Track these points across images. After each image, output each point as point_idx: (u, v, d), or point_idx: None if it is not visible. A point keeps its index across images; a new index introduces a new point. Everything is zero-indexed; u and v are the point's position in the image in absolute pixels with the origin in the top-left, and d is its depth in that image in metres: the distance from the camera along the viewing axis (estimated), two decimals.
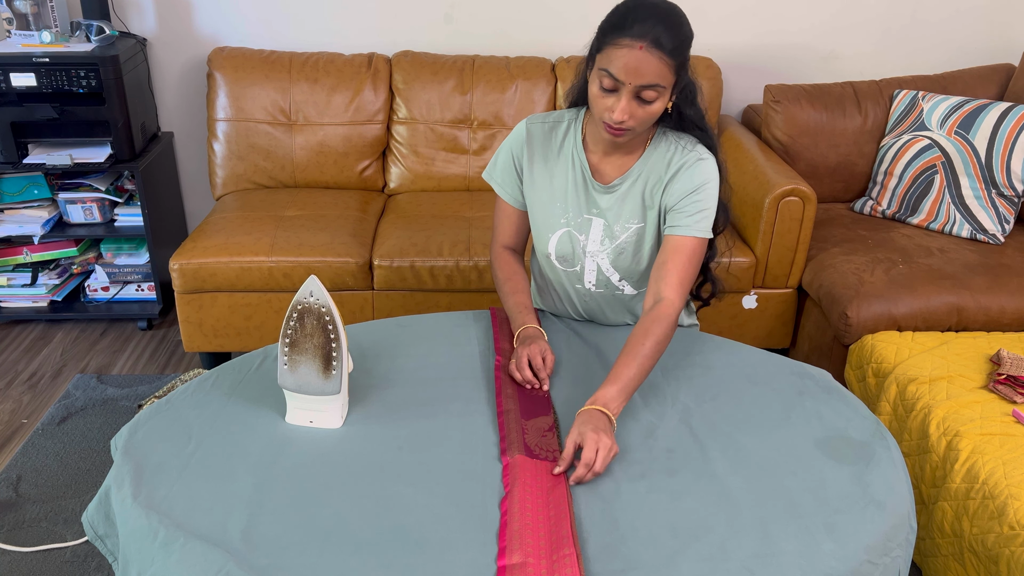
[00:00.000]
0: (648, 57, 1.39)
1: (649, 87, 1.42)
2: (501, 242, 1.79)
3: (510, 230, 1.78)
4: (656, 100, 1.45)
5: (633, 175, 1.62)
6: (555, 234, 1.69)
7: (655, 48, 1.39)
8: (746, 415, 1.46)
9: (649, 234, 1.64)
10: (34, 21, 2.81)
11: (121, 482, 1.27)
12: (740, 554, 1.14)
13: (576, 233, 1.68)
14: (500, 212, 1.77)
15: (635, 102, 1.45)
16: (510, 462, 1.31)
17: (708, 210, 1.58)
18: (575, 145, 1.65)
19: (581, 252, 1.69)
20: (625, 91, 1.43)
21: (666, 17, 1.41)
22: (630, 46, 1.40)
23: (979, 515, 1.69)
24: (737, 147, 2.86)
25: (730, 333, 2.70)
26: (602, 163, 1.64)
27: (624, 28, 1.40)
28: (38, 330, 3.04)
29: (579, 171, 1.65)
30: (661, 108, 1.48)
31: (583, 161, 1.64)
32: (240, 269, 2.52)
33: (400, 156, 3.01)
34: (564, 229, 1.68)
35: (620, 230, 1.64)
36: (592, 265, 1.69)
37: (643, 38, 1.39)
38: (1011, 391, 1.92)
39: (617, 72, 1.42)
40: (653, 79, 1.41)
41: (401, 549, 1.15)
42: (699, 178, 1.57)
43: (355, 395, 1.49)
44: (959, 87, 2.91)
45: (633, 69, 1.40)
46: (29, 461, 2.31)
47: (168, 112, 3.19)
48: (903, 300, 2.30)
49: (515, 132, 1.70)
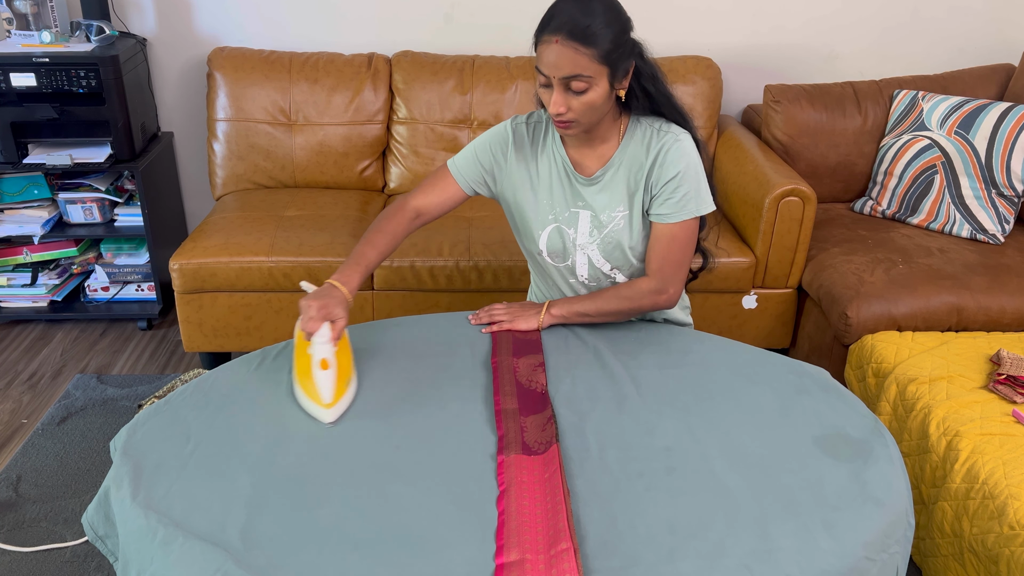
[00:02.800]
0: (563, 50, 1.45)
1: (573, 78, 1.47)
2: (415, 201, 1.73)
3: (437, 200, 1.74)
4: (588, 90, 1.49)
5: (615, 164, 1.65)
6: (545, 231, 1.72)
7: (570, 39, 1.44)
8: (744, 413, 1.46)
9: (635, 219, 1.67)
10: (34, 21, 2.82)
11: (120, 482, 1.27)
12: (738, 551, 1.14)
13: (565, 228, 1.71)
14: (440, 181, 1.74)
15: (569, 94, 1.50)
16: (505, 460, 1.31)
17: (692, 191, 1.62)
18: (554, 142, 1.69)
19: (572, 246, 1.72)
20: (555, 84, 1.49)
21: (579, 9, 1.45)
22: (547, 41, 1.47)
23: (979, 515, 1.69)
24: (737, 147, 2.86)
25: (730, 333, 2.70)
26: (582, 157, 1.68)
27: (545, 25, 1.48)
28: (38, 330, 3.04)
29: (561, 166, 1.69)
30: (598, 97, 1.51)
31: (563, 156, 1.68)
32: (240, 269, 2.53)
33: (400, 156, 3.02)
34: (553, 225, 1.71)
35: (607, 219, 1.67)
36: (583, 258, 1.72)
37: (558, 31, 1.45)
38: (1011, 391, 1.91)
39: (543, 67, 1.49)
40: (573, 70, 1.46)
41: (399, 548, 1.15)
42: (680, 162, 1.60)
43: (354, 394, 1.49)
44: (959, 87, 2.91)
45: (553, 63, 1.47)
46: (29, 461, 2.31)
47: (168, 112, 3.19)
48: (903, 300, 2.30)
49: (498, 133, 1.72)
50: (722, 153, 2.95)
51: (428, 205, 1.74)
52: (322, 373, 1.41)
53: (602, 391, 1.52)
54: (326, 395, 1.41)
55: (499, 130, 1.72)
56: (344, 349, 1.51)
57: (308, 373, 1.43)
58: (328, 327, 1.44)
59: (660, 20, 3.11)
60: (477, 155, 1.73)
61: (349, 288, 1.55)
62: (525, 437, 1.37)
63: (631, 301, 1.69)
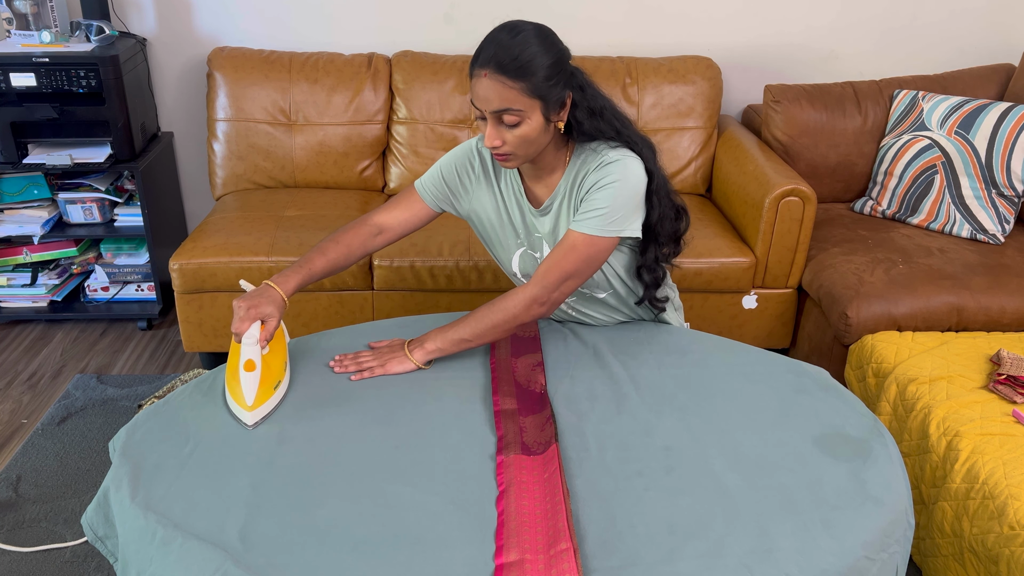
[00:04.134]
0: (491, 84, 1.43)
1: (504, 111, 1.44)
2: (378, 216, 1.71)
3: (402, 217, 1.72)
4: (521, 123, 1.46)
5: (560, 193, 1.62)
6: (516, 254, 1.72)
7: (497, 73, 1.42)
8: (743, 413, 1.46)
9: None
10: (34, 21, 2.82)
11: (119, 483, 1.27)
12: (737, 550, 1.14)
13: (531, 252, 1.70)
14: (406, 198, 1.73)
15: (502, 127, 1.47)
16: (504, 460, 1.31)
17: (610, 208, 1.52)
18: (511, 171, 1.67)
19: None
20: (488, 118, 1.47)
21: (508, 42, 1.43)
22: (478, 75, 1.44)
23: (979, 515, 1.69)
24: (737, 147, 2.86)
25: (730, 333, 2.70)
26: (534, 185, 1.66)
27: (476, 59, 1.45)
28: (38, 330, 3.04)
29: (515, 193, 1.67)
30: (531, 131, 1.47)
31: (518, 186, 1.66)
32: (240, 269, 2.52)
33: (400, 156, 3.01)
34: (522, 249, 1.71)
35: None
36: None
37: (487, 65, 1.43)
38: (1011, 391, 1.91)
39: (475, 101, 1.47)
40: (502, 103, 1.44)
41: (398, 548, 1.15)
42: (609, 176, 1.53)
43: (354, 395, 1.49)
44: (959, 87, 2.91)
45: (483, 97, 1.45)
46: (29, 461, 2.31)
47: (168, 112, 3.19)
48: (903, 300, 2.30)
49: (464, 154, 1.70)
50: (722, 153, 2.95)
51: (392, 221, 1.71)
52: (247, 375, 1.39)
53: (601, 391, 1.52)
54: (248, 397, 1.39)
55: (465, 151, 1.70)
56: (277, 351, 1.49)
57: (236, 373, 1.41)
58: (257, 328, 1.42)
59: (660, 20, 3.11)
60: (443, 175, 1.71)
61: (285, 290, 1.52)
62: (524, 437, 1.37)
63: (506, 312, 1.56)
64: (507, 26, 1.46)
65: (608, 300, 1.75)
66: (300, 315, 2.61)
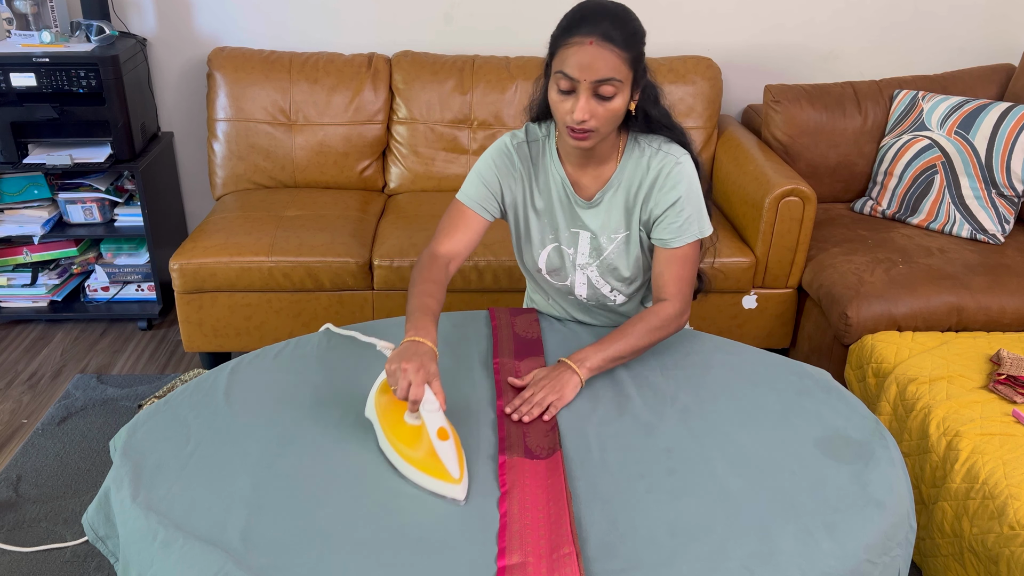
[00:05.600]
0: (599, 51, 1.39)
1: (605, 81, 1.41)
2: (442, 248, 1.62)
3: (464, 239, 1.64)
4: (615, 96, 1.43)
5: (613, 185, 1.61)
6: (545, 249, 1.69)
7: (605, 41, 1.39)
8: (745, 414, 1.46)
9: (634, 241, 1.64)
10: (34, 21, 2.81)
11: (120, 483, 1.27)
12: (739, 553, 1.14)
13: (565, 248, 1.68)
14: (457, 219, 1.64)
15: (594, 100, 1.43)
16: (507, 461, 1.31)
17: (694, 214, 1.58)
18: (552, 160, 1.63)
19: (571, 265, 1.69)
20: (582, 89, 1.42)
21: (613, 12, 1.42)
22: (580, 43, 1.40)
23: (979, 515, 1.69)
24: (737, 147, 2.86)
25: (730, 333, 2.70)
26: (580, 176, 1.62)
27: (572, 28, 1.41)
28: (38, 330, 3.04)
29: (561, 186, 1.63)
30: (622, 105, 1.46)
31: (563, 176, 1.62)
32: (240, 269, 2.52)
33: (400, 156, 3.01)
34: (553, 244, 1.68)
35: (606, 242, 1.64)
36: (582, 278, 1.69)
37: (592, 33, 1.39)
38: (1011, 391, 1.91)
39: (571, 70, 1.41)
40: (608, 72, 1.40)
41: (400, 549, 1.14)
42: (681, 186, 1.56)
43: (353, 395, 1.49)
44: (959, 87, 2.91)
45: (587, 65, 1.40)
46: (29, 461, 2.31)
47: (168, 112, 3.19)
48: (903, 300, 2.30)
49: (499, 151, 1.65)
50: (722, 153, 2.95)
51: (457, 247, 1.63)
52: (443, 445, 1.23)
53: (603, 392, 1.52)
54: (453, 469, 1.23)
55: (500, 150, 1.65)
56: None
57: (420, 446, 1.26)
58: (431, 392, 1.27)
59: (660, 20, 3.11)
60: (483, 179, 1.65)
61: (431, 340, 1.37)
62: (527, 441, 1.37)
63: (663, 331, 1.59)
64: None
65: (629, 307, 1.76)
66: (300, 315, 2.61)
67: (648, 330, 1.57)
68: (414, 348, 1.32)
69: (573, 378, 1.49)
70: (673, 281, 1.60)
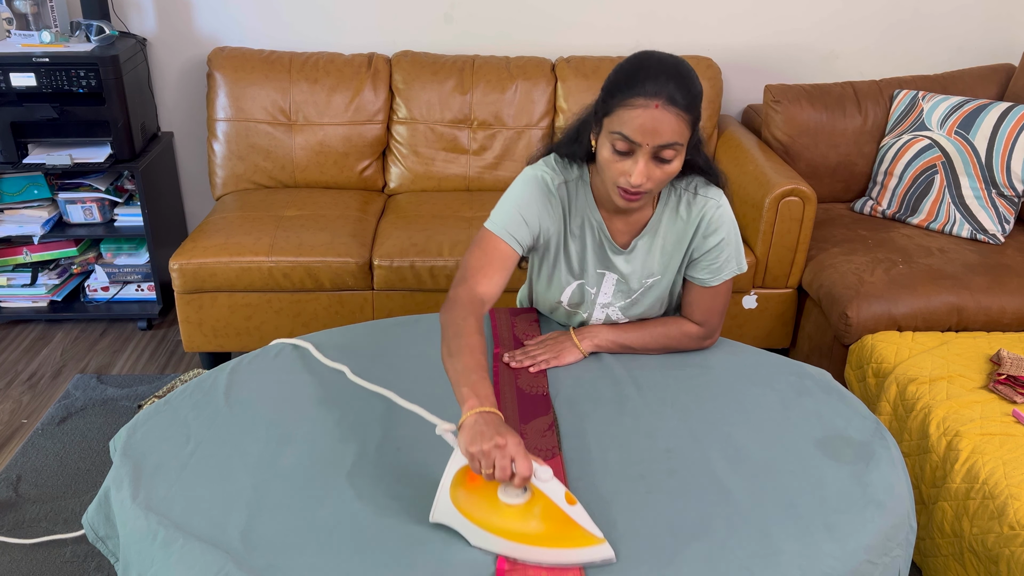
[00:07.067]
0: (664, 115, 1.32)
1: (667, 146, 1.34)
2: (484, 289, 1.50)
3: (500, 280, 1.52)
4: (674, 159, 1.37)
5: (649, 232, 1.57)
6: (569, 287, 1.64)
7: (671, 105, 1.32)
8: (745, 415, 1.46)
9: (664, 284, 1.63)
10: (34, 21, 2.81)
11: (120, 483, 1.27)
12: (739, 554, 1.14)
13: (588, 287, 1.64)
14: (494, 253, 1.52)
15: (653, 163, 1.36)
16: None
17: (732, 254, 1.59)
18: (588, 203, 1.56)
19: (591, 302, 1.65)
20: (642, 153, 1.35)
21: (676, 72, 1.34)
22: (645, 105, 1.32)
23: (979, 515, 1.69)
24: (737, 147, 2.86)
25: (730, 333, 2.70)
26: (614, 220, 1.57)
27: (635, 87, 1.33)
28: (38, 330, 3.04)
29: (597, 231, 1.58)
30: (678, 167, 1.39)
31: (599, 221, 1.56)
32: (240, 269, 2.52)
33: (400, 156, 3.01)
34: (578, 282, 1.64)
35: (637, 285, 1.62)
36: (601, 314, 1.66)
37: (657, 96, 1.31)
38: (1011, 391, 1.91)
39: (632, 134, 1.33)
40: (671, 137, 1.34)
41: (400, 549, 1.14)
42: (723, 230, 1.55)
43: (353, 395, 1.49)
44: (959, 87, 2.91)
45: (651, 129, 1.32)
46: (29, 461, 2.31)
47: (168, 112, 3.19)
48: (903, 300, 2.30)
49: (540, 190, 1.55)
50: (722, 153, 2.95)
51: (494, 289, 1.51)
52: (574, 509, 1.14)
53: (603, 392, 1.52)
54: (595, 530, 1.14)
55: (541, 186, 1.55)
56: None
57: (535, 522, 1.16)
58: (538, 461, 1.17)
59: (660, 20, 3.11)
60: (523, 213, 1.54)
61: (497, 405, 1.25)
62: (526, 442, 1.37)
63: (679, 344, 1.63)
64: (657, 54, 1.37)
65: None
66: (300, 315, 2.61)
67: (666, 336, 1.63)
68: (494, 421, 1.18)
69: (575, 349, 1.60)
70: (702, 311, 1.63)
